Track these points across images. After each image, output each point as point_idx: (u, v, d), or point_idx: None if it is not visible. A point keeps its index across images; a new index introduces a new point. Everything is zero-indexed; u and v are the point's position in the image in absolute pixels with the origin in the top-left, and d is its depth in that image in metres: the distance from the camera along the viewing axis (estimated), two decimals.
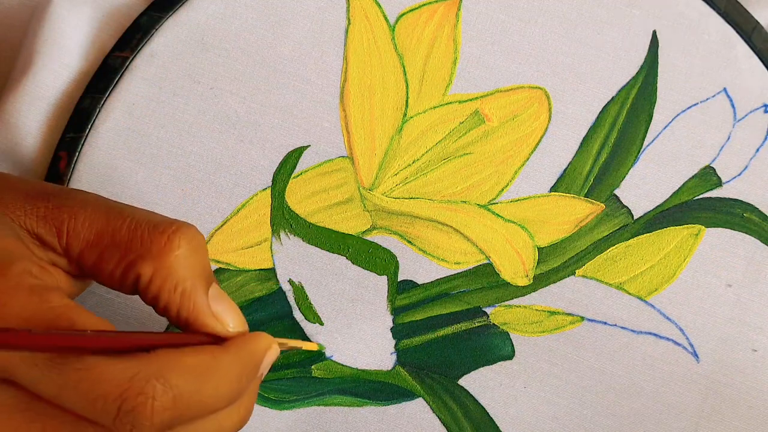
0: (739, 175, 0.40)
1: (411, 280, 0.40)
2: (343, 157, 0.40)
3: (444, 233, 0.40)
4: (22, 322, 0.28)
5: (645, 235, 0.40)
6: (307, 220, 0.40)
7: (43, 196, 0.31)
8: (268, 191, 0.40)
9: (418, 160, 0.40)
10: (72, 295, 0.32)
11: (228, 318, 0.31)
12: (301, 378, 0.40)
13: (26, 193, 0.31)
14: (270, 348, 0.32)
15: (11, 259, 0.29)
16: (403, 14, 0.41)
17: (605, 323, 0.40)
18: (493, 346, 0.40)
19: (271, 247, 0.40)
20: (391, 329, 0.40)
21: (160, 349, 0.28)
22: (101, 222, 0.31)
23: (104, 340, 0.28)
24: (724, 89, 0.40)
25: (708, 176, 0.40)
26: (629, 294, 0.40)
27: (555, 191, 0.40)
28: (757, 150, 0.40)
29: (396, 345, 0.40)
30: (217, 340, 0.31)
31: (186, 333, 0.31)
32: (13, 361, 0.27)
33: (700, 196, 0.40)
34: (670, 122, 0.40)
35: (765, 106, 0.40)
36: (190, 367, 0.28)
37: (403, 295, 0.40)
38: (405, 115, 0.40)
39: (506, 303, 0.40)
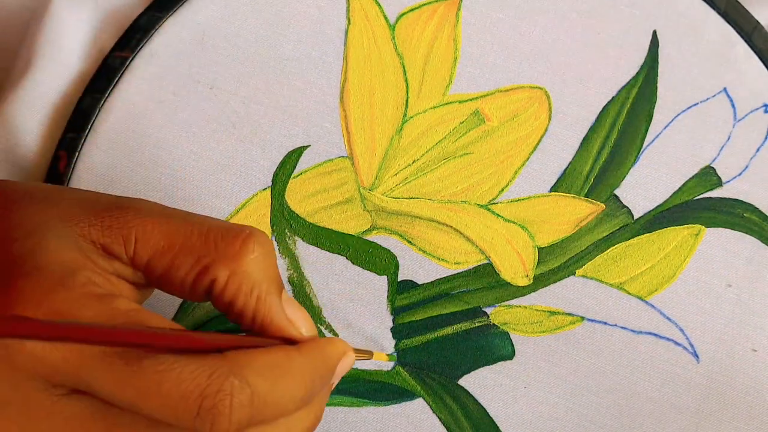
0: (740, 175, 0.40)
1: (411, 280, 0.40)
2: (343, 157, 0.40)
3: (444, 233, 0.40)
4: None
5: (645, 235, 0.40)
6: (307, 220, 0.40)
7: (107, 207, 0.30)
8: (268, 191, 0.40)
9: (418, 160, 0.40)
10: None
11: (300, 323, 0.31)
12: None
13: (91, 204, 0.31)
14: (345, 354, 0.31)
15: (73, 270, 0.28)
16: (403, 14, 0.41)
17: (605, 323, 0.39)
18: (493, 346, 0.40)
19: None
20: (391, 329, 0.40)
21: (235, 351, 0.28)
22: (170, 229, 0.30)
23: (179, 339, 0.27)
24: (724, 89, 0.40)
25: (708, 176, 0.40)
26: (629, 294, 0.40)
27: (555, 191, 0.40)
28: (758, 150, 0.40)
29: (396, 345, 0.40)
30: (290, 343, 0.30)
31: (258, 336, 0.30)
32: (88, 370, 0.27)
33: (701, 196, 0.40)
34: (670, 122, 0.40)
35: (765, 106, 0.40)
36: (265, 365, 0.28)
37: (403, 295, 0.40)
38: (405, 115, 0.40)
39: (506, 303, 0.40)
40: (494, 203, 0.40)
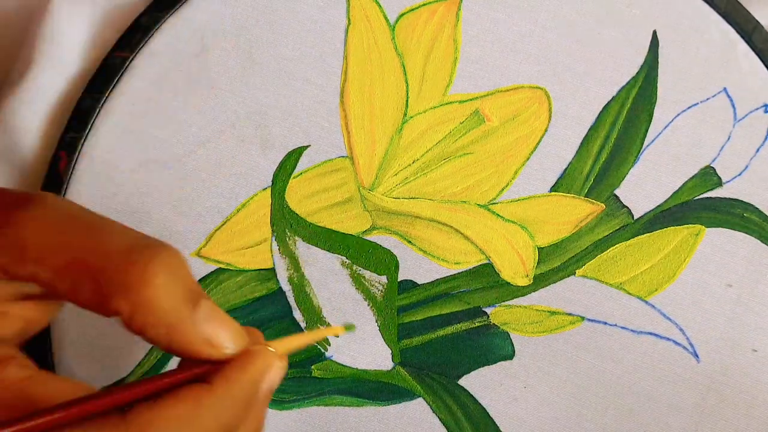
0: (740, 175, 0.40)
1: (411, 280, 0.40)
2: (343, 157, 0.40)
3: (444, 233, 0.40)
4: None
5: (645, 235, 0.40)
6: (307, 220, 0.40)
7: None
8: (268, 191, 0.40)
9: (418, 160, 0.40)
10: (46, 319, 0.30)
11: (223, 337, 0.28)
12: (301, 378, 0.40)
13: None
14: (271, 367, 0.29)
15: None
16: (403, 14, 0.41)
17: (605, 323, 0.40)
18: (493, 346, 0.40)
19: (271, 247, 0.40)
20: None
21: (137, 407, 0.26)
22: (70, 242, 0.27)
23: (73, 412, 0.26)
24: (724, 89, 0.40)
25: (708, 176, 0.40)
26: (629, 294, 0.40)
27: (555, 191, 0.40)
28: (758, 150, 0.40)
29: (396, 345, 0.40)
30: (218, 364, 0.28)
31: (175, 370, 0.28)
32: None
33: (701, 196, 0.40)
34: (671, 122, 0.40)
35: (765, 106, 0.40)
36: (170, 422, 0.26)
37: (403, 295, 0.40)
38: (405, 114, 0.40)
39: (506, 303, 0.40)
40: (494, 203, 0.40)
